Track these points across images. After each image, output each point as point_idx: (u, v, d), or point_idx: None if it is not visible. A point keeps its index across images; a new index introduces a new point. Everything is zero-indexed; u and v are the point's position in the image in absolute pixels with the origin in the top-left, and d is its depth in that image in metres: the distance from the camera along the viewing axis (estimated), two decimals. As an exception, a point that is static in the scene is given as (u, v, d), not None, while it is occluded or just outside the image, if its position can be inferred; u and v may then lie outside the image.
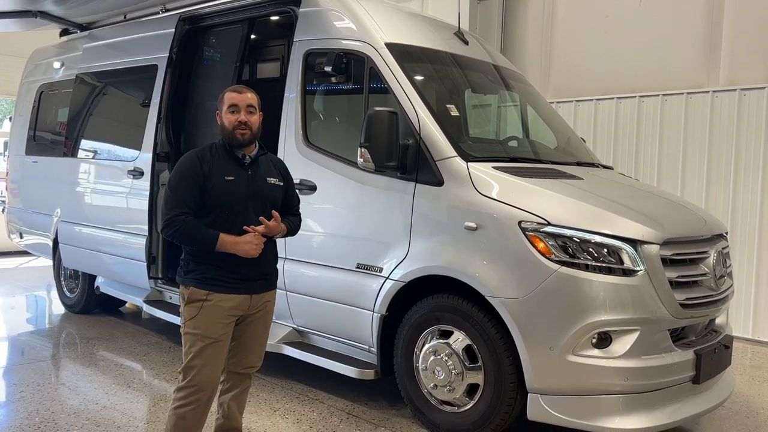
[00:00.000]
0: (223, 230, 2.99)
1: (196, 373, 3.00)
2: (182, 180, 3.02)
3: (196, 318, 3.02)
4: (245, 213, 3.05)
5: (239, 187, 3.06)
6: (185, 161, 3.09)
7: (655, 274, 3.50)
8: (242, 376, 3.30)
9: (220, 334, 3.04)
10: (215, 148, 3.14)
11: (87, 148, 6.63)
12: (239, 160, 3.12)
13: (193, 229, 2.97)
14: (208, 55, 5.87)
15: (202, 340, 3.00)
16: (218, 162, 3.07)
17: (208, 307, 3.02)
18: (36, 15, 7.07)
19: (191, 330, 3.03)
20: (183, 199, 2.99)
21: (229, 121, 3.08)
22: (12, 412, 4.26)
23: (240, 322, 3.15)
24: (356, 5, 4.55)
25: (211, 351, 3.02)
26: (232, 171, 3.07)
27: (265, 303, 3.23)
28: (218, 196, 3.01)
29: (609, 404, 3.47)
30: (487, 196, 3.73)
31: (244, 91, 3.15)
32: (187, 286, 3.08)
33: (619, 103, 7.52)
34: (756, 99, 6.59)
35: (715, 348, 3.83)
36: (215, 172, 3.02)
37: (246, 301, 3.10)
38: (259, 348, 3.31)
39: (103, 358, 5.51)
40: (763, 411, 4.65)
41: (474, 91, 5.18)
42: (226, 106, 3.09)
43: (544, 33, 8.37)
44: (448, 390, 3.87)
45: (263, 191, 3.15)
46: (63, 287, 7.24)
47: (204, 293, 3.02)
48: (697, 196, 6.86)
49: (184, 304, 3.08)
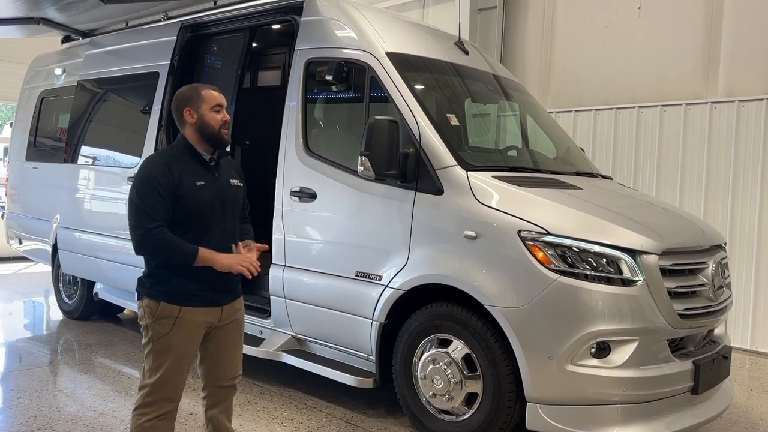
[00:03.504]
0: (197, 240, 2.83)
1: (169, 388, 2.87)
2: (153, 189, 2.77)
3: (169, 335, 2.84)
4: (216, 219, 2.91)
5: (209, 192, 2.89)
6: (153, 168, 2.84)
7: (654, 284, 3.51)
8: (227, 388, 3.14)
9: (193, 349, 2.93)
10: (178, 151, 2.93)
11: (87, 154, 6.64)
12: (206, 163, 2.94)
13: (172, 242, 2.76)
14: (210, 63, 5.89)
15: (175, 357, 2.85)
16: (186, 166, 2.87)
17: (182, 323, 2.84)
18: (38, 22, 7.11)
19: (162, 347, 2.85)
20: (156, 210, 2.75)
21: (214, 120, 2.90)
22: (10, 418, 4.25)
23: (210, 333, 2.99)
24: (357, 14, 4.57)
25: (184, 365, 2.90)
26: (200, 176, 2.89)
27: (237, 312, 3.09)
28: (191, 204, 2.82)
29: (607, 414, 3.47)
30: (487, 205, 3.74)
31: (219, 90, 3.02)
32: (155, 300, 2.86)
33: (618, 113, 7.54)
34: (754, 110, 6.61)
35: (713, 358, 3.83)
36: (185, 179, 2.82)
37: (218, 313, 2.96)
38: (237, 358, 3.15)
39: (102, 365, 5.50)
40: (761, 422, 4.65)
41: (474, 100, 5.20)
42: (210, 105, 2.91)
43: (544, 43, 8.41)
44: (446, 399, 3.86)
45: (230, 194, 3.01)
46: (62, 293, 7.23)
47: (176, 309, 2.83)
48: (695, 207, 6.88)
49: (152, 319, 2.86)
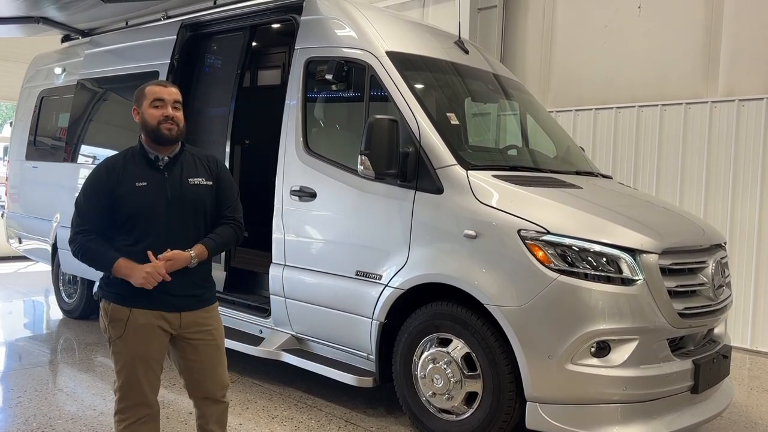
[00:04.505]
0: (141, 243, 2.76)
1: (137, 391, 2.81)
2: (85, 196, 2.81)
3: (123, 338, 2.79)
4: (164, 222, 2.79)
5: (153, 193, 2.79)
6: (91, 175, 2.85)
7: (654, 283, 3.50)
8: (213, 402, 3.01)
9: (152, 351, 2.82)
10: (131, 152, 2.89)
11: (87, 153, 6.64)
12: (153, 163, 2.85)
13: (93, 249, 2.74)
14: (210, 62, 5.89)
15: (133, 360, 2.79)
16: (130, 168, 2.81)
17: (133, 325, 2.78)
18: (38, 21, 7.11)
19: (119, 349, 2.81)
20: (85, 216, 2.78)
21: (152, 116, 2.81)
22: (9, 418, 4.25)
23: (180, 343, 2.90)
24: (357, 14, 4.57)
25: (146, 368, 2.81)
26: (143, 176, 2.80)
27: (206, 320, 2.94)
28: (129, 205, 2.76)
29: (607, 413, 3.47)
30: (487, 204, 3.74)
31: (169, 85, 2.93)
32: (108, 300, 2.84)
33: (618, 112, 7.54)
34: (755, 109, 6.61)
35: (713, 358, 3.83)
36: (125, 180, 2.77)
37: (175, 319, 2.84)
38: (218, 371, 2.99)
39: (101, 364, 5.49)
40: (761, 421, 4.65)
41: (474, 99, 5.20)
42: (149, 100, 2.83)
43: (544, 42, 8.40)
44: (446, 398, 3.86)
45: (184, 194, 2.85)
46: (61, 292, 7.23)
47: (126, 311, 2.78)
48: (695, 206, 6.88)
49: (108, 321, 2.83)
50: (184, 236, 2.86)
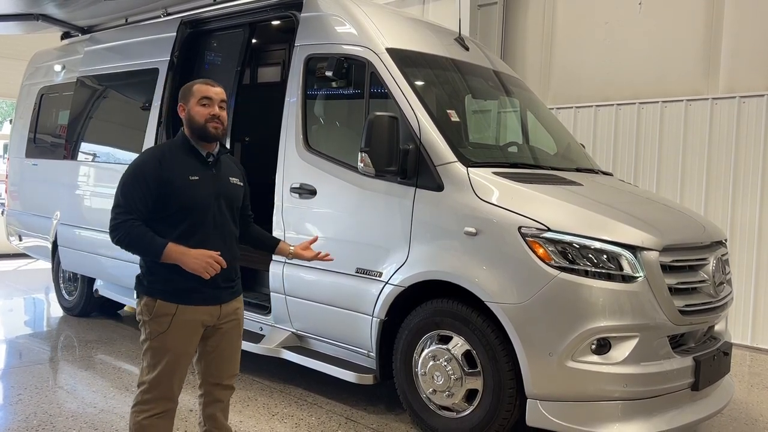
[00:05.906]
0: (186, 235, 2.77)
1: (166, 386, 2.83)
2: (136, 184, 2.76)
3: (166, 333, 2.80)
4: (210, 215, 2.84)
5: (204, 187, 2.83)
6: (143, 162, 2.83)
7: (655, 280, 3.50)
8: (224, 387, 3.08)
9: (191, 347, 2.88)
10: (174, 145, 2.91)
11: (87, 151, 6.63)
12: (203, 159, 2.89)
13: (141, 235, 2.72)
14: (209, 59, 5.88)
15: (173, 356, 2.81)
16: (180, 161, 2.83)
17: (179, 322, 2.80)
18: (38, 18, 7.09)
19: (160, 345, 2.82)
20: (133, 205, 2.74)
21: (200, 115, 2.84)
22: (10, 415, 4.25)
23: (209, 332, 2.95)
24: (357, 10, 4.56)
25: (182, 364, 2.86)
26: (195, 171, 2.84)
27: (236, 310, 3.02)
28: (183, 198, 2.78)
29: (608, 411, 3.47)
30: (487, 201, 3.74)
31: (216, 85, 2.93)
32: (152, 297, 2.82)
33: (619, 109, 7.53)
34: (755, 106, 6.60)
35: (714, 355, 3.82)
36: (177, 173, 2.79)
37: (216, 312, 2.90)
38: (236, 357, 3.09)
39: (102, 362, 5.50)
40: (761, 418, 4.65)
41: (474, 96, 5.19)
42: (197, 98, 2.86)
43: (545, 39, 8.39)
44: (447, 395, 3.86)
45: (227, 192, 2.94)
46: (62, 290, 7.23)
47: (173, 306, 2.79)
48: (696, 203, 6.87)
49: (149, 317, 2.82)
50: (228, 232, 2.94)
